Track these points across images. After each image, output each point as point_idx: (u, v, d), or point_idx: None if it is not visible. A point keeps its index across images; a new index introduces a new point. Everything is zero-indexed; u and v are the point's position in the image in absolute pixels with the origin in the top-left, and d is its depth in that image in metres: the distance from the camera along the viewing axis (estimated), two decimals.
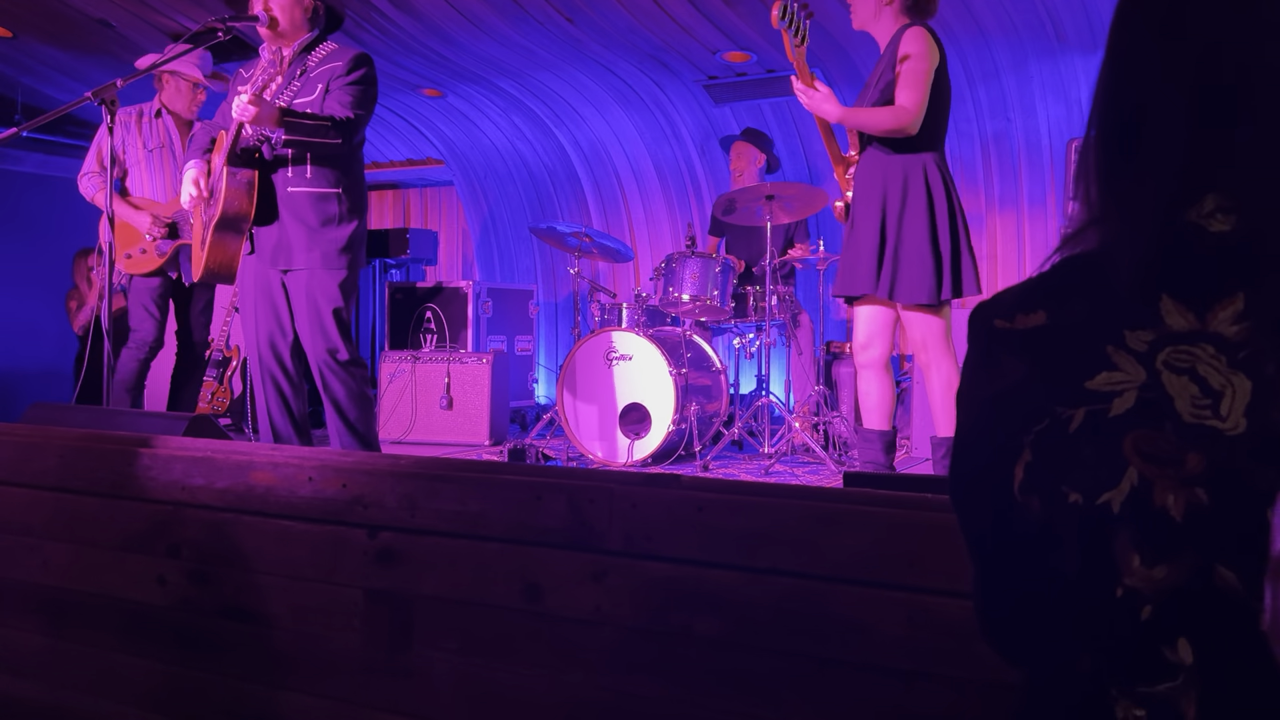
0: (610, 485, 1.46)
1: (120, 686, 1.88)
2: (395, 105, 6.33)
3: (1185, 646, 0.65)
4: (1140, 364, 0.69)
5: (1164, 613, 0.66)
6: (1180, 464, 0.66)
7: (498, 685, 1.52)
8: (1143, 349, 0.69)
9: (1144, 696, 0.67)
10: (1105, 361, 0.70)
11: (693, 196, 6.42)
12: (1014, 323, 0.76)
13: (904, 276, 3.01)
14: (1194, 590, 0.65)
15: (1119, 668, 0.68)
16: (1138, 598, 0.67)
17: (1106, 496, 0.68)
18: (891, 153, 3.06)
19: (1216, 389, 0.66)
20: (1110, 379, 0.69)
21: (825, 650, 1.31)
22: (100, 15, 4.95)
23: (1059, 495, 0.71)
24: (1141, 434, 0.67)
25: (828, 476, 4.06)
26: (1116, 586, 0.68)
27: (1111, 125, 0.77)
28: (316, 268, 3.22)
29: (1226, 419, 0.65)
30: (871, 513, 1.30)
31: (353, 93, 3.20)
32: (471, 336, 5.69)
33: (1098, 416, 0.69)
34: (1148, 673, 0.67)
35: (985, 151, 5.53)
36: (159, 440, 1.90)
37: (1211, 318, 0.68)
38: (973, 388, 0.80)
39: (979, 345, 0.79)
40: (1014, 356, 0.75)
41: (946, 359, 3.07)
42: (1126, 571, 0.67)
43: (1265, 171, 0.69)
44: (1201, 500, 0.65)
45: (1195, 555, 0.65)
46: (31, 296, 6.10)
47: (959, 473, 0.82)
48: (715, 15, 4.74)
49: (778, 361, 5.55)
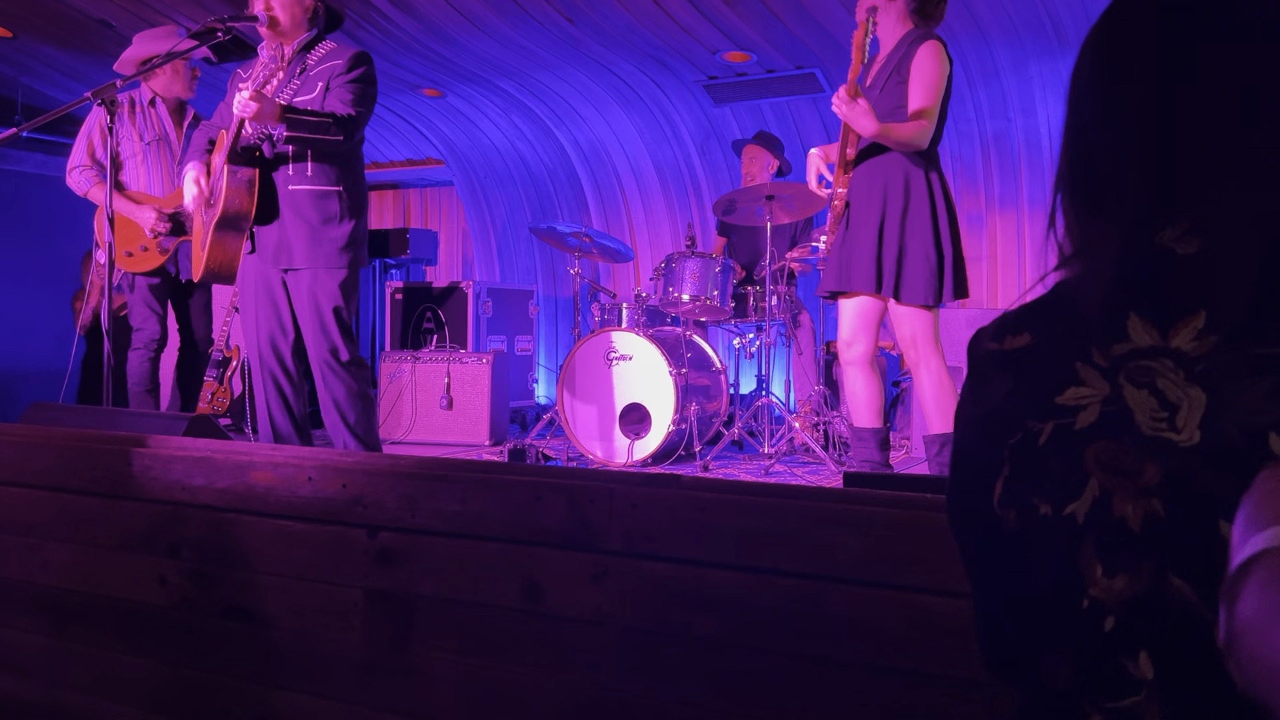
0: (610, 485, 1.46)
1: (120, 686, 1.88)
2: (395, 105, 6.33)
3: (1145, 660, 0.67)
4: (1105, 379, 0.71)
5: (1125, 625, 0.67)
6: (1139, 475, 0.68)
7: (498, 685, 1.52)
8: (1106, 365, 0.71)
9: (1111, 711, 0.68)
10: (1074, 377, 0.72)
11: (693, 196, 6.42)
12: (1003, 344, 0.79)
13: (909, 276, 3.04)
14: (1152, 602, 0.66)
15: (1087, 681, 0.69)
16: (1101, 609, 0.68)
17: (1071, 507, 0.70)
18: (893, 156, 3.09)
19: (1174, 402, 0.68)
20: (1078, 394, 0.71)
21: (825, 650, 1.31)
22: (100, 15, 4.95)
23: (1031, 507, 0.73)
24: (1103, 445, 0.69)
25: (828, 476, 4.06)
26: (1083, 598, 0.69)
27: (1081, 156, 0.80)
28: (318, 267, 3.22)
29: (1181, 431, 0.67)
30: (871, 513, 1.30)
31: (353, 90, 3.20)
32: (471, 336, 5.69)
33: (1064, 430, 0.71)
34: (1113, 687, 0.68)
35: (985, 151, 5.53)
36: (159, 440, 1.90)
37: (1174, 334, 0.69)
38: (964, 408, 0.83)
39: (973, 366, 0.82)
40: (999, 375, 0.78)
41: (935, 356, 3.10)
42: (1091, 582, 0.69)
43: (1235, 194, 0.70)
44: (1158, 511, 0.67)
45: (1153, 566, 0.66)
46: (31, 296, 6.10)
47: (952, 490, 0.85)
48: (715, 15, 4.74)
49: (778, 361, 5.55)
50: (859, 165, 3.17)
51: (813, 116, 5.80)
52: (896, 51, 3.11)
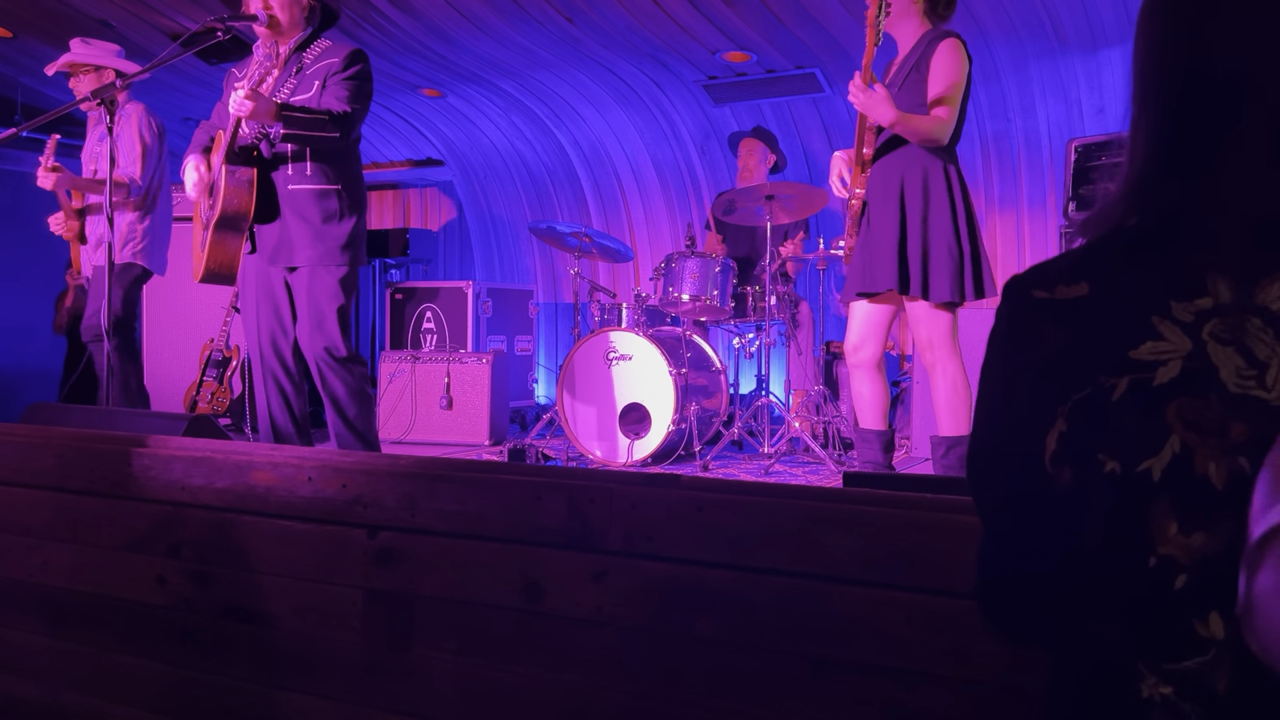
0: (610, 485, 1.46)
1: (120, 686, 1.88)
2: (395, 105, 6.33)
3: (1217, 620, 0.66)
4: (1186, 334, 0.70)
5: (1197, 584, 0.66)
6: (1224, 433, 0.67)
7: (498, 685, 1.52)
8: (1189, 320, 0.70)
9: (1171, 672, 0.67)
10: (1150, 331, 0.71)
11: (692, 196, 6.42)
12: (1054, 293, 0.77)
13: (935, 273, 3.01)
14: (1229, 561, 0.65)
15: (1146, 641, 0.68)
16: (1172, 566, 0.67)
17: (1147, 464, 0.69)
18: (910, 153, 3.06)
19: (1262, 360, 0.67)
20: (1155, 348, 0.70)
21: (824, 650, 1.31)
22: (100, 15, 4.95)
23: (1095, 463, 0.71)
24: (1185, 402, 0.68)
25: (828, 476, 4.06)
26: (1150, 555, 0.68)
27: (1196, 102, 0.77)
28: (318, 265, 3.22)
29: (1271, 390, 0.67)
30: (871, 513, 1.30)
31: (349, 88, 3.20)
32: (471, 336, 5.69)
33: (1141, 385, 0.70)
34: (1176, 647, 0.67)
35: (985, 151, 5.53)
36: (159, 440, 1.90)
37: (1259, 292, 0.69)
38: (1005, 357, 0.80)
39: (1017, 315, 0.79)
40: (1055, 326, 0.76)
41: (953, 359, 3.07)
42: (1161, 540, 0.68)
43: None
44: (1244, 468, 0.66)
45: (1233, 523, 0.65)
46: (31, 296, 6.10)
47: (982, 442, 0.82)
48: (715, 15, 4.73)
49: (778, 361, 5.55)
50: (875, 163, 3.15)
51: (813, 116, 5.79)
52: (915, 50, 3.10)
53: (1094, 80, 4.97)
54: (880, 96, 2.92)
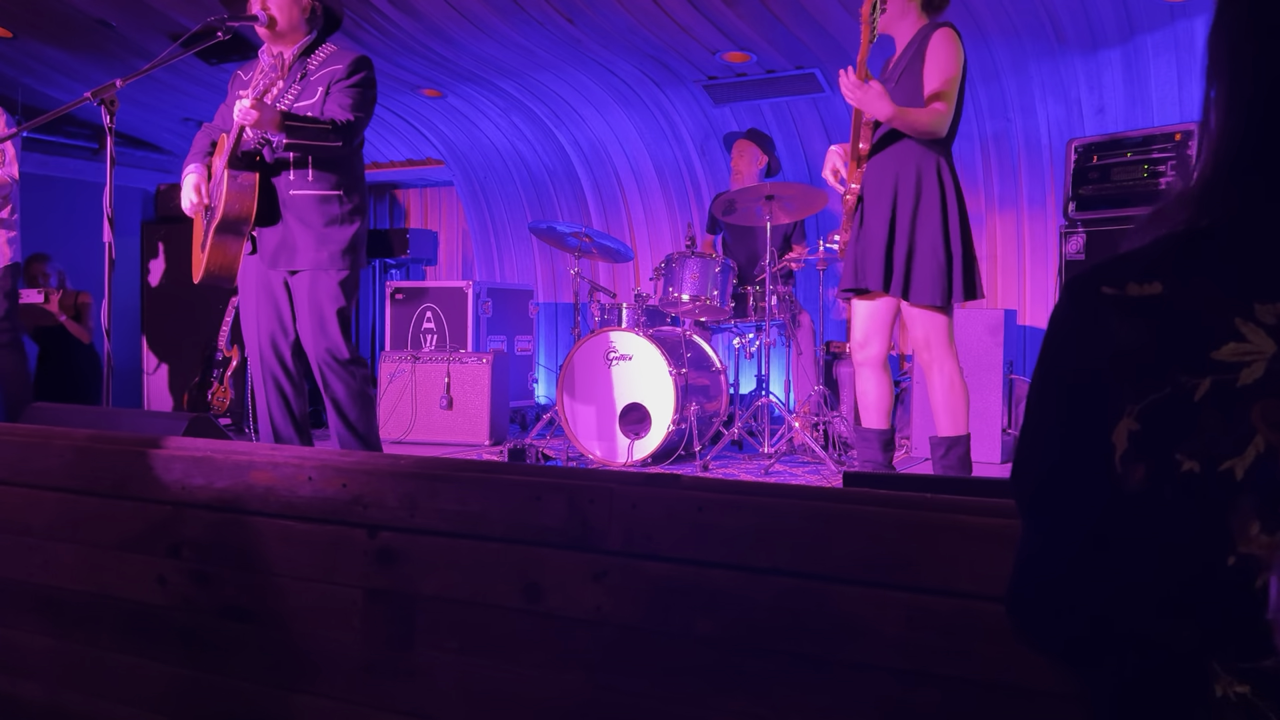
0: (610, 485, 1.46)
1: (121, 686, 1.88)
2: (395, 105, 6.33)
3: None
4: (1270, 337, 0.70)
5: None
6: None
7: (498, 684, 1.52)
8: (1273, 322, 0.70)
9: (1247, 672, 0.67)
10: (1233, 333, 0.70)
11: (692, 196, 6.42)
12: (1125, 290, 0.76)
13: (918, 275, 3.00)
14: None
15: (1222, 640, 0.68)
16: (1253, 566, 0.67)
17: (1229, 464, 0.69)
18: (905, 149, 3.05)
19: None
20: (1238, 350, 0.70)
21: (825, 650, 1.31)
22: (100, 15, 4.95)
23: (1171, 464, 0.71)
24: (1270, 403, 0.68)
25: (828, 476, 4.06)
26: (1229, 555, 0.68)
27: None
28: (320, 268, 3.23)
29: None
30: (871, 513, 1.30)
31: (353, 95, 3.21)
32: (471, 336, 5.69)
33: (1224, 386, 0.70)
34: (1255, 647, 0.66)
35: (985, 151, 5.53)
36: (159, 440, 1.90)
37: None
38: (1068, 353, 0.79)
39: (1084, 311, 0.78)
40: (1125, 324, 0.75)
41: (949, 359, 3.06)
42: (1242, 539, 0.68)
43: None
44: None
45: None
46: None
47: (1035, 437, 0.82)
48: (715, 15, 4.74)
49: (778, 361, 5.55)
50: (871, 158, 3.14)
51: (812, 117, 5.79)
52: (911, 45, 3.09)
53: (1094, 80, 4.97)
54: (876, 91, 2.92)
